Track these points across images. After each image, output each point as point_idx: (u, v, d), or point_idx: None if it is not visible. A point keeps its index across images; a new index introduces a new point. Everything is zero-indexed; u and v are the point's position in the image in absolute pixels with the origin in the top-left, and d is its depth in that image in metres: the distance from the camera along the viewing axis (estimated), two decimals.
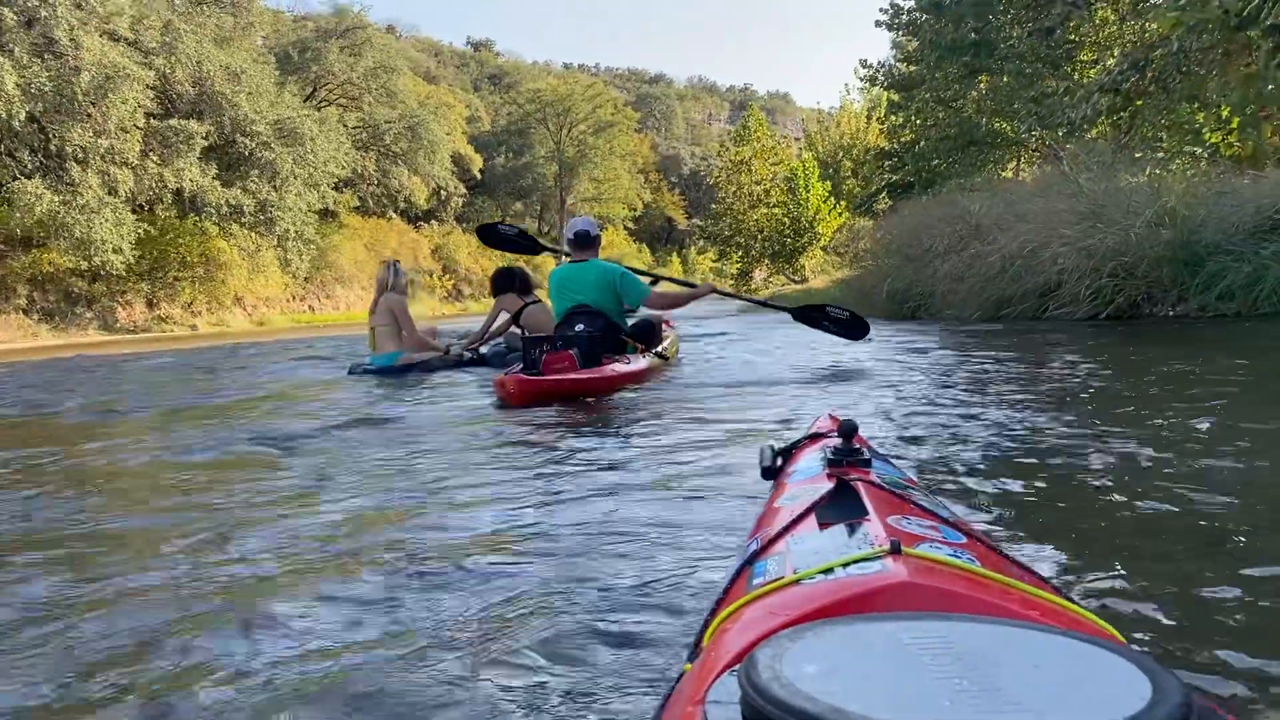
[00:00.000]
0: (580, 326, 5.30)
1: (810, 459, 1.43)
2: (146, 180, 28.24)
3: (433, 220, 50.04)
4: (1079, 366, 4.86)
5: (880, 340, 7.67)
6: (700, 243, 57.68)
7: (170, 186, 29.01)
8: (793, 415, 3.52)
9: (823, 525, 1.01)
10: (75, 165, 26.09)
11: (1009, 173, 19.05)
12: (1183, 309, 7.72)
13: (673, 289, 6.06)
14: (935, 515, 1.04)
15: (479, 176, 53.38)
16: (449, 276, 48.22)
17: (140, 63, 27.48)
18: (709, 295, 6.34)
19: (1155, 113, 10.97)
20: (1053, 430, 2.91)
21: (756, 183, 40.79)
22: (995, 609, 0.75)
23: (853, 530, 0.96)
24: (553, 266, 6.38)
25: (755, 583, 0.89)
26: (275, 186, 31.91)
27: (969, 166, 18.73)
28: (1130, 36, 15.04)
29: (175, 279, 30.42)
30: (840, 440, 1.32)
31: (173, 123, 29.10)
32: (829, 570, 0.82)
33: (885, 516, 0.98)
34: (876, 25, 20.70)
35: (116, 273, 27.13)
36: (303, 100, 37.91)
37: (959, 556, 0.86)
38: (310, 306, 37.39)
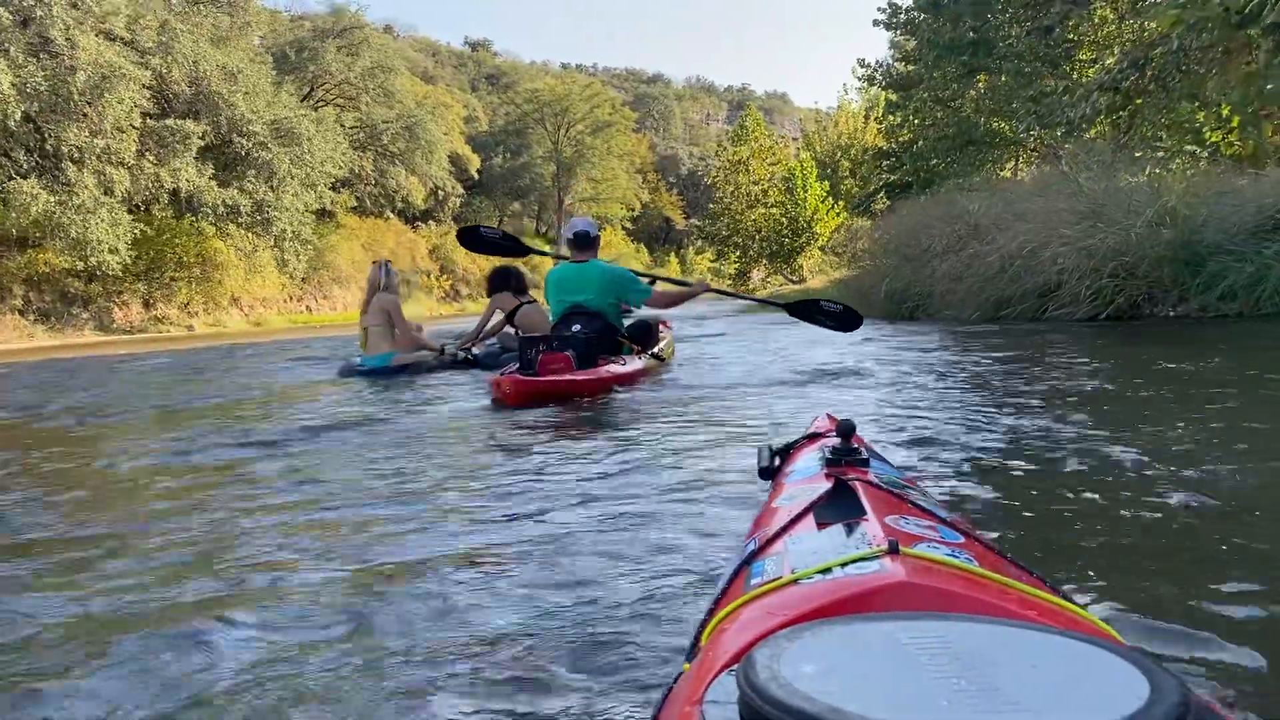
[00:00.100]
0: (577, 327, 5.27)
1: (808, 459, 1.44)
2: (143, 180, 28.20)
3: (430, 220, 49.99)
4: (1079, 367, 4.85)
5: (878, 340, 7.67)
6: (698, 243, 57.74)
7: (167, 186, 28.97)
8: (790, 415, 3.51)
9: (821, 525, 1.01)
10: (71, 165, 26.05)
11: (1007, 172, 19.03)
12: (1184, 309, 7.66)
13: (670, 288, 6.06)
14: (933, 515, 1.04)
15: (476, 176, 53.31)
16: (446, 277, 48.17)
17: (136, 62, 27.44)
18: (705, 294, 6.33)
19: (1155, 112, 10.92)
20: (1051, 431, 2.91)
21: (754, 183, 40.80)
22: (993, 609, 0.75)
23: (851, 530, 0.96)
24: (549, 266, 6.32)
25: (753, 582, 0.90)
26: (272, 187, 31.85)
27: (967, 166, 18.72)
28: (1129, 35, 15.03)
29: (172, 279, 30.38)
30: (838, 440, 1.32)
31: (169, 122, 29.06)
32: (827, 570, 0.82)
33: (883, 516, 0.98)
34: (874, 24, 20.68)
35: (113, 273, 27.10)
36: (300, 100, 37.83)
37: (957, 556, 0.87)
38: (307, 307, 37.35)
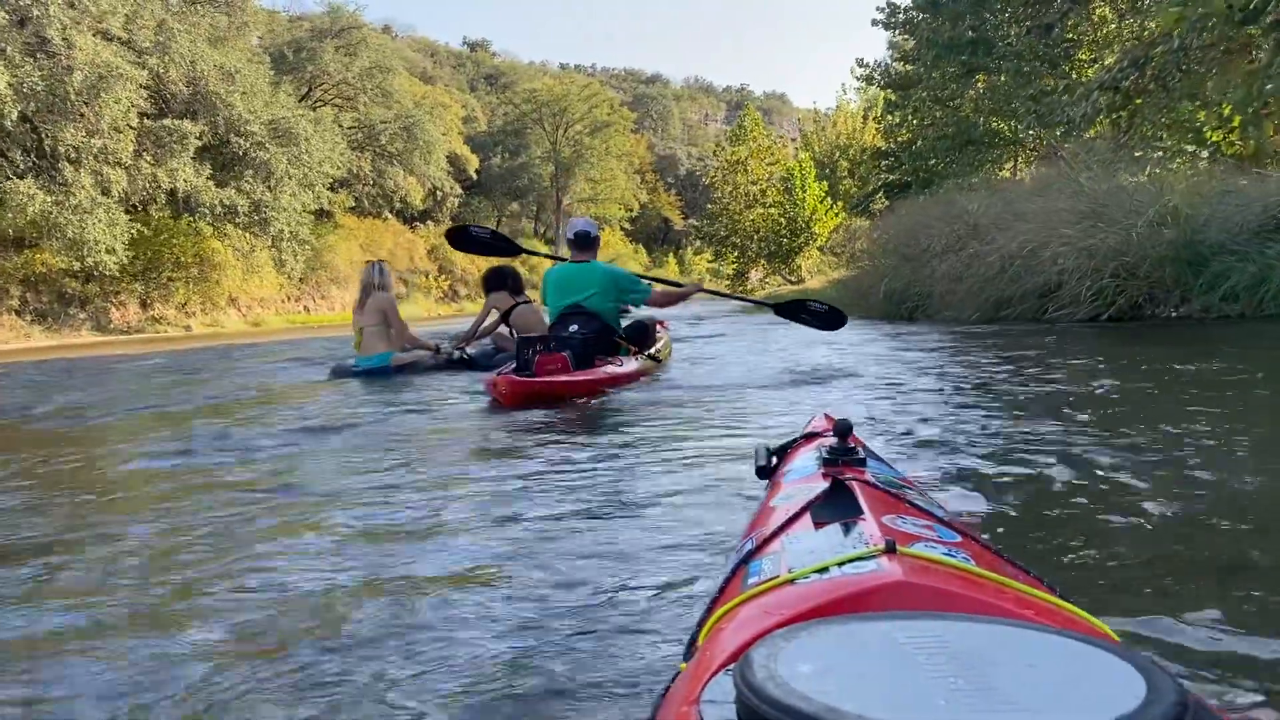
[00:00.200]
0: (574, 328, 5.26)
1: (805, 458, 1.44)
2: (140, 180, 28.11)
3: (428, 221, 49.94)
4: (1079, 368, 4.81)
5: (877, 341, 7.65)
6: (696, 243, 57.71)
7: (164, 187, 28.88)
8: (787, 415, 3.51)
9: (818, 524, 1.01)
10: (68, 165, 25.96)
11: (1006, 172, 19.01)
12: (1186, 310, 7.58)
13: (666, 289, 6.09)
14: (930, 515, 1.04)
15: (475, 177, 53.27)
16: (445, 277, 48.13)
17: (134, 62, 27.35)
18: (699, 295, 6.37)
19: (1155, 111, 10.87)
20: (1050, 432, 2.89)
21: (752, 183, 40.75)
22: (990, 608, 0.75)
23: (848, 529, 0.96)
24: (546, 265, 6.31)
25: (750, 582, 0.90)
26: (270, 187, 31.77)
27: (966, 166, 18.69)
28: (1129, 35, 14.99)
29: (169, 279, 30.32)
30: (835, 439, 1.32)
31: (166, 122, 28.98)
32: (824, 569, 0.82)
33: (880, 516, 0.98)
34: (873, 24, 20.67)
35: (110, 273, 27.02)
36: (298, 100, 37.77)
37: (954, 556, 0.87)
38: (305, 307, 37.31)
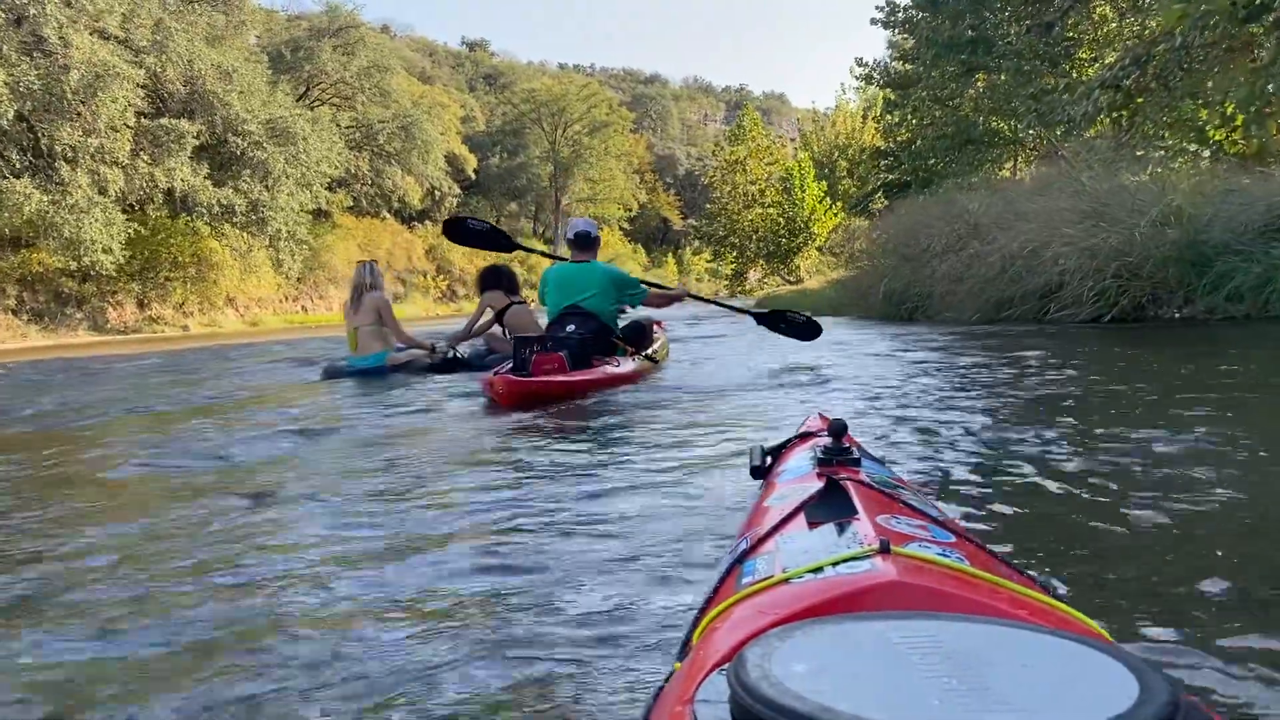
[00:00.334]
0: (571, 328, 5.26)
1: (800, 458, 1.44)
2: (137, 180, 28.05)
3: (427, 220, 49.86)
4: (1080, 370, 4.77)
5: (876, 342, 7.62)
6: (695, 243, 57.68)
7: (161, 186, 28.83)
8: (782, 415, 3.52)
9: (812, 524, 1.01)
10: (64, 164, 25.90)
11: (1006, 172, 18.95)
12: (1190, 311, 7.50)
13: (658, 291, 6.19)
14: (924, 515, 1.04)
15: (473, 177, 53.24)
16: (443, 277, 48.08)
17: (131, 61, 27.28)
18: (684, 300, 6.42)
19: (1157, 110, 10.80)
20: (1048, 433, 2.87)
21: (751, 182, 40.73)
22: (984, 608, 0.75)
23: (842, 529, 0.96)
24: (544, 265, 6.32)
25: (744, 582, 0.89)
26: (267, 186, 31.71)
27: (966, 166, 18.63)
28: (1129, 34, 14.94)
29: (166, 279, 30.26)
30: (830, 439, 1.33)
31: (164, 122, 28.92)
32: (818, 569, 0.82)
33: (874, 516, 0.98)
34: (872, 23, 20.59)
35: (107, 273, 26.96)
36: (295, 99, 37.70)
37: (948, 556, 0.87)
38: (303, 307, 37.24)
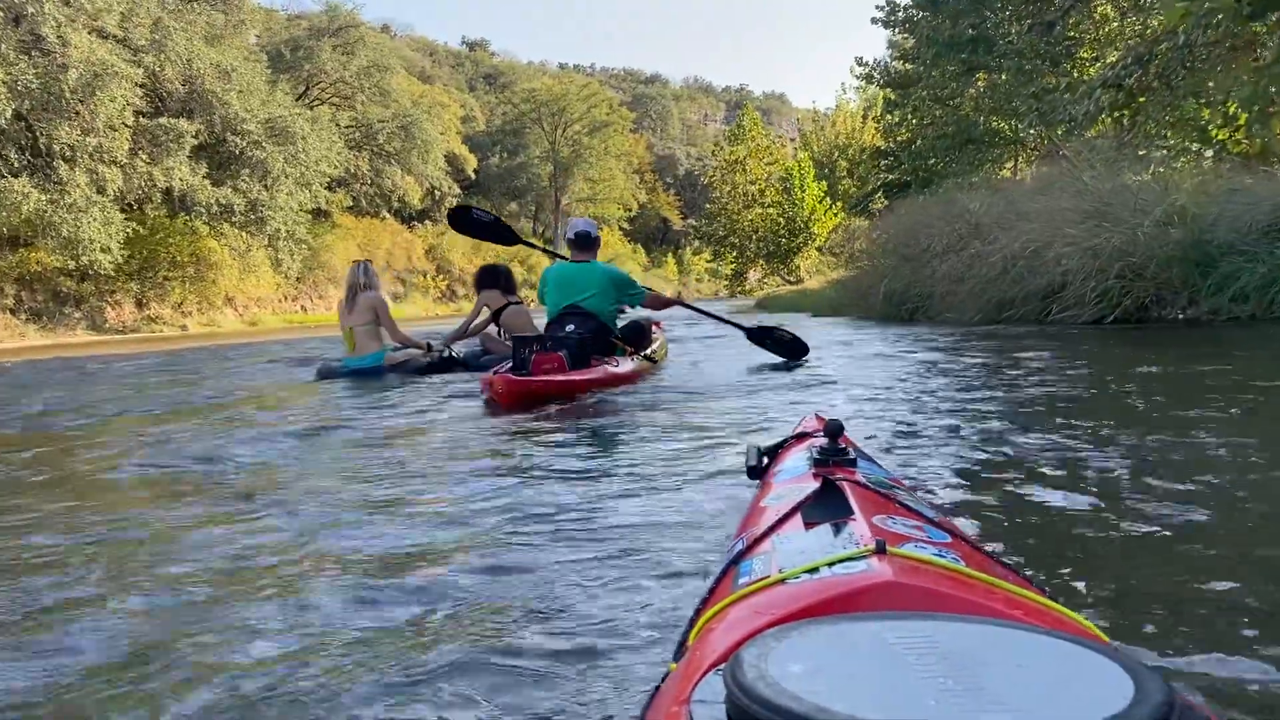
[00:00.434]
0: (571, 327, 5.28)
1: (796, 458, 1.44)
2: (135, 179, 28.00)
3: (426, 220, 49.84)
4: (1081, 371, 4.73)
5: (875, 342, 7.58)
6: (695, 243, 57.65)
7: (160, 185, 28.78)
8: (779, 415, 3.52)
9: (808, 525, 1.01)
10: (63, 164, 25.85)
11: (1007, 172, 18.90)
12: (1194, 312, 7.40)
13: (654, 295, 6.21)
14: (920, 515, 1.04)
15: (473, 176, 53.21)
16: (442, 277, 48.03)
17: (129, 60, 27.24)
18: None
19: (1159, 109, 10.74)
20: (1046, 435, 2.83)
21: (751, 182, 40.69)
22: (980, 609, 0.75)
23: (838, 530, 0.96)
24: (544, 265, 6.36)
25: (741, 582, 0.89)
26: (266, 186, 31.66)
27: (966, 165, 18.58)
28: (1131, 34, 14.89)
29: (165, 279, 30.21)
30: (826, 440, 1.33)
31: (162, 121, 28.88)
32: (814, 570, 0.82)
33: (870, 516, 0.98)
34: (873, 22, 20.57)
35: (105, 272, 26.92)
36: (295, 99, 37.65)
37: (944, 556, 0.87)
38: (303, 306, 37.21)
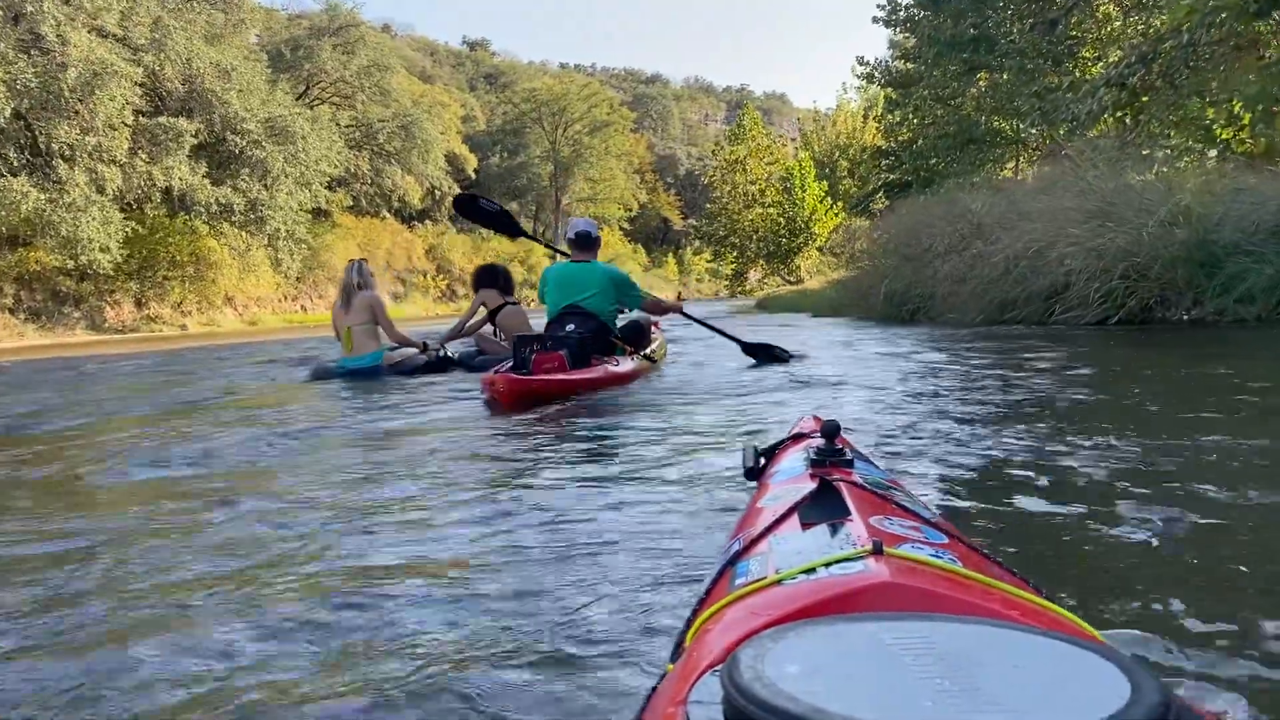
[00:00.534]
0: (571, 327, 5.30)
1: (793, 459, 1.44)
2: (135, 178, 27.96)
3: (427, 220, 49.82)
4: (1084, 373, 4.68)
5: (875, 343, 7.58)
6: (695, 243, 57.61)
7: (159, 185, 28.74)
8: (776, 416, 3.52)
9: (805, 525, 1.01)
10: (62, 163, 25.81)
11: (1008, 172, 18.85)
12: (1199, 313, 7.34)
13: (653, 299, 6.24)
14: (917, 516, 1.04)
15: (474, 176, 53.17)
16: (443, 276, 48.00)
17: (129, 59, 27.19)
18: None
19: (1163, 108, 10.68)
20: (1048, 436, 2.80)
21: (751, 182, 40.62)
22: (977, 609, 0.75)
23: (835, 530, 0.96)
24: (547, 266, 6.41)
25: (738, 583, 0.89)
26: (266, 185, 31.62)
27: (968, 165, 18.53)
28: (1133, 33, 14.84)
29: (165, 278, 30.17)
30: (823, 441, 1.32)
31: (162, 120, 28.83)
32: (811, 570, 0.82)
33: (867, 517, 0.98)
34: (874, 21, 20.52)
35: (104, 272, 26.88)
36: (295, 98, 37.60)
37: (941, 557, 0.87)
38: (302, 306, 37.18)
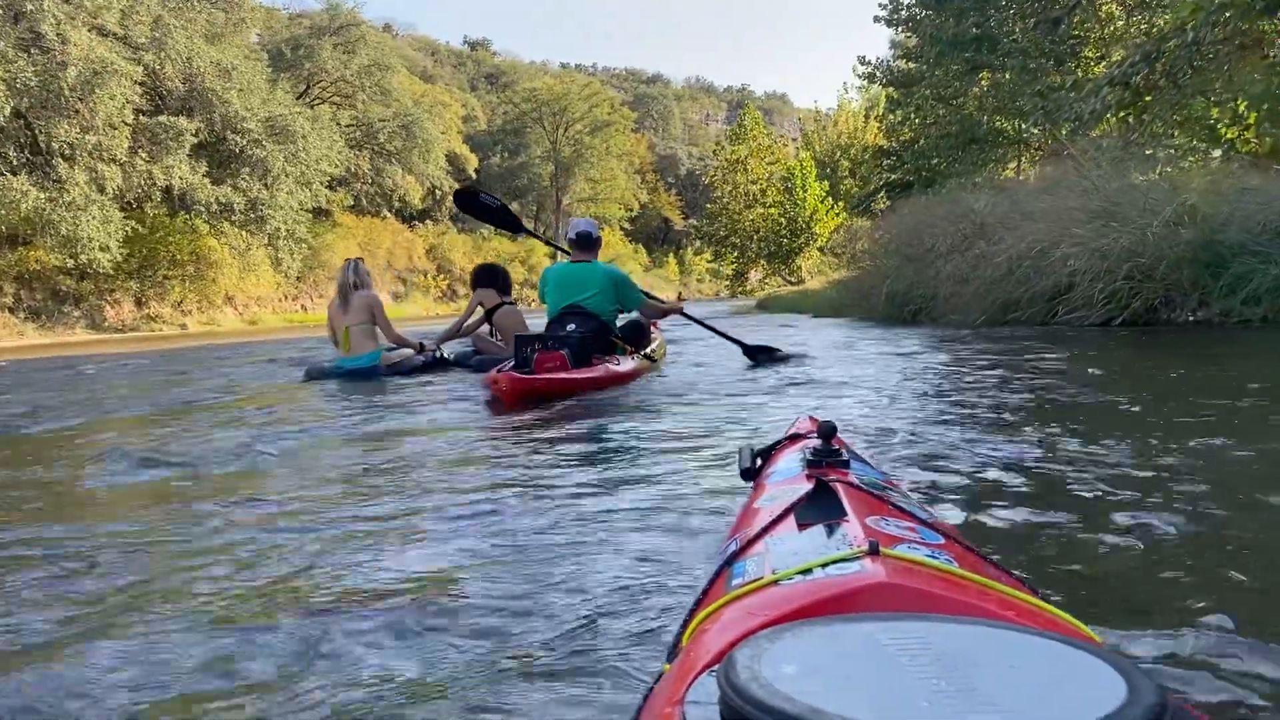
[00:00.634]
0: (572, 326, 5.33)
1: (789, 460, 1.44)
2: (135, 177, 27.95)
3: (427, 220, 49.81)
4: (1088, 375, 4.64)
5: (876, 343, 7.55)
6: (696, 243, 57.54)
7: (159, 184, 28.74)
8: (775, 416, 3.53)
9: (801, 526, 1.01)
10: (62, 162, 25.80)
11: (1011, 172, 18.80)
12: (1204, 314, 7.25)
13: (653, 302, 6.26)
14: (913, 516, 1.04)
15: (474, 176, 53.16)
16: (443, 276, 47.98)
17: (129, 58, 27.18)
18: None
19: (1167, 108, 10.62)
20: (1045, 437, 2.78)
21: (752, 182, 40.52)
22: (973, 610, 0.75)
23: (831, 531, 0.96)
24: (547, 267, 6.42)
25: (734, 583, 0.89)
26: (266, 184, 31.62)
27: (970, 165, 18.48)
28: (1136, 32, 14.79)
29: (165, 278, 30.17)
30: (819, 441, 1.32)
31: (162, 119, 28.83)
32: (808, 571, 0.82)
33: (864, 517, 0.97)
34: (875, 21, 20.45)
35: (104, 271, 26.88)
36: (295, 98, 37.60)
37: (937, 557, 0.86)
38: (303, 306, 37.17)
